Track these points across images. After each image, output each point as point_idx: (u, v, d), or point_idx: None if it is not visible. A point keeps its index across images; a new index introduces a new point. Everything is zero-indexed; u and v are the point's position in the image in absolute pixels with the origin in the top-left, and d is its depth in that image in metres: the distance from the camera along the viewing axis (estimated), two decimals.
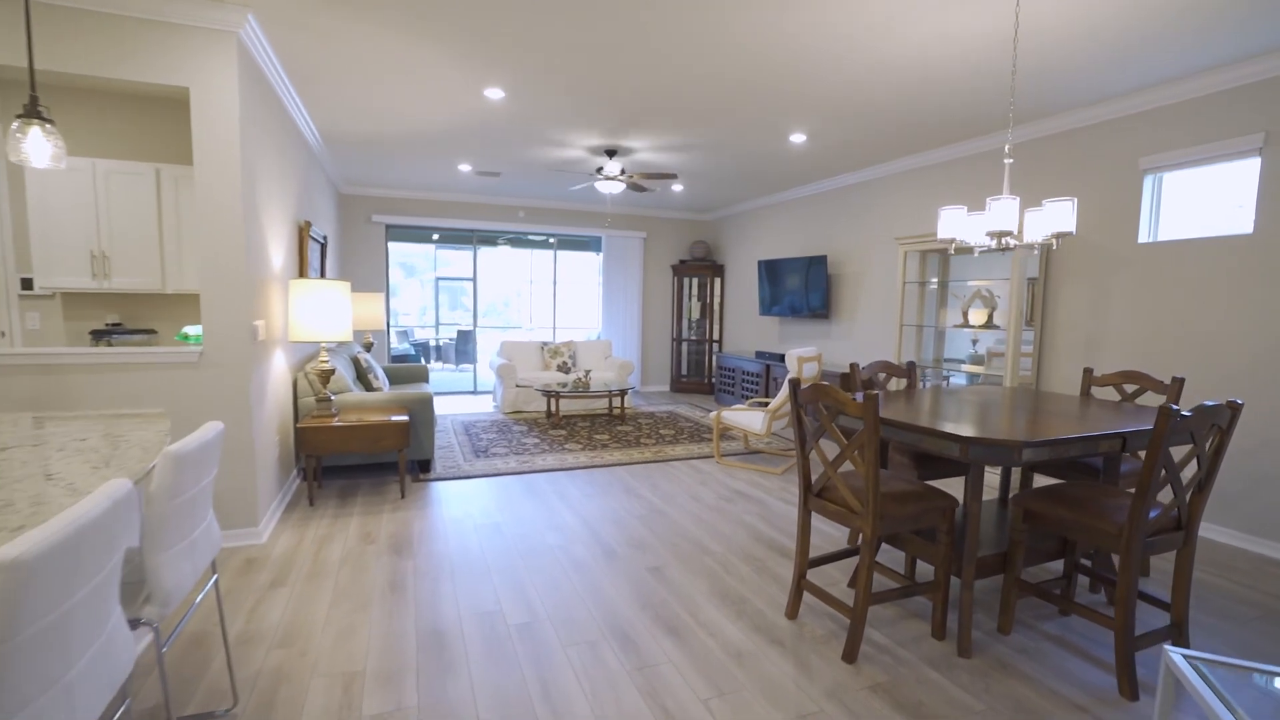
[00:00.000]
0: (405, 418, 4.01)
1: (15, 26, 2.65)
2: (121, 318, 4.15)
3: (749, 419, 4.97)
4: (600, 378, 7.63)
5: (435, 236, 8.49)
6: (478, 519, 3.67)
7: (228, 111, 3.01)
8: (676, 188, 7.19)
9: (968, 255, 4.98)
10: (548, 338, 8.96)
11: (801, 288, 6.85)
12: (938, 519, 2.35)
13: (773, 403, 4.93)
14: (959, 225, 2.70)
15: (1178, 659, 1.20)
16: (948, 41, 3.14)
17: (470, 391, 8.76)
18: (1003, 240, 2.56)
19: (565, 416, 6.94)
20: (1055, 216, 2.49)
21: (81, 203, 3.74)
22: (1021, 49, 3.22)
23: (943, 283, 5.27)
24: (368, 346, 6.26)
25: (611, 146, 5.34)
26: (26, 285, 3.87)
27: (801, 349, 4.98)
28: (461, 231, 8.30)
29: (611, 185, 5.46)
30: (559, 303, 9.00)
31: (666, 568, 3.05)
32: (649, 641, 2.38)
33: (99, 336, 3.94)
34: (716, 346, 9.18)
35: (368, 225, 7.72)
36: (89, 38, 2.79)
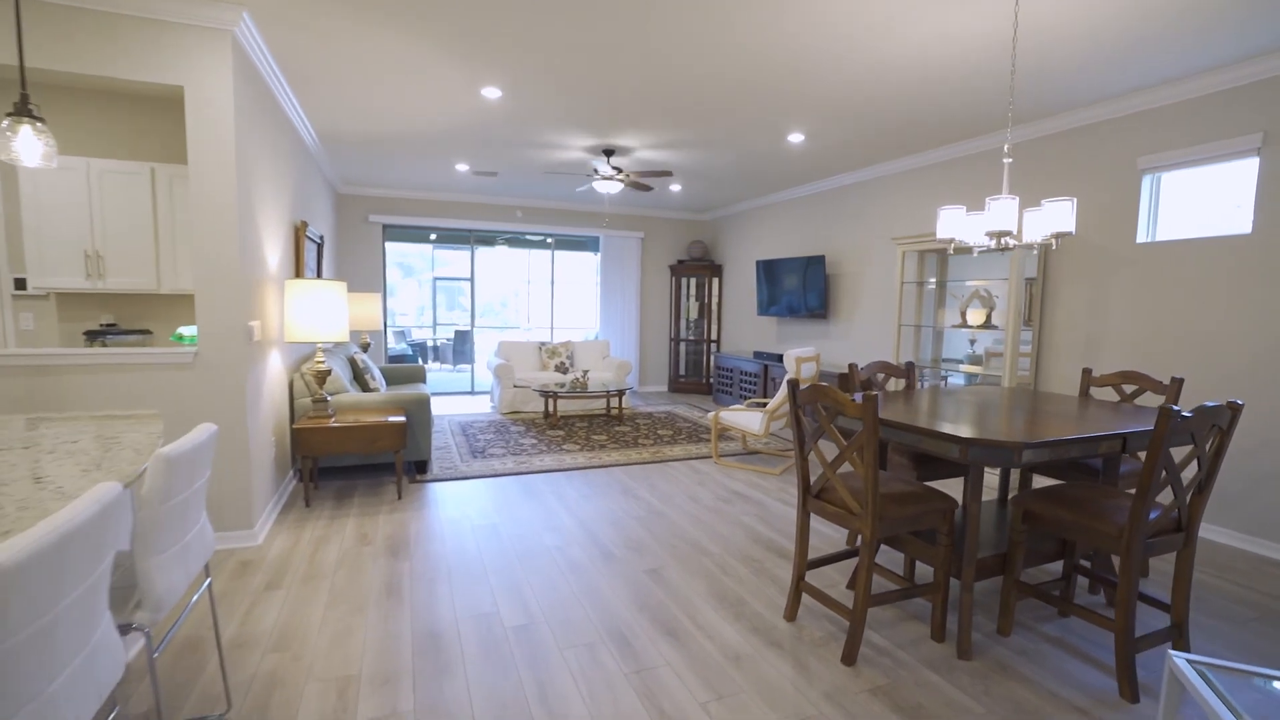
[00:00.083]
0: (402, 418, 3.99)
1: (6, 24, 2.62)
2: (116, 318, 4.12)
3: (747, 419, 4.96)
4: (598, 378, 7.62)
5: (433, 236, 8.46)
6: (475, 520, 3.65)
7: (222, 110, 2.99)
8: (674, 187, 7.18)
9: (966, 255, 4.97)
10: (545, 338, 8.94)
11: (799, 288, 6.84)
12: (937, 520, 2.33)
13: (771, 403, 4.92)
14: (958, 225, 2.69)
15: (1181, 663, 1.19)
16: (947, 41, 3.13)
17: (468, 392, 8.74)
18: (1002, 240, 2.55)
19: (563, 417, 6.92)
20: (1054, 216, 2.48)
21: (76, 202, 3.71)
22: (1021, 49, 3.21)
23: (941, 283, 5.26)
24: (365, 347, 6.23)
25: (609, 146, 5.32)
26: (20, 285, 3.84)
27: (800, 349, 4.97)
28: (459, 231, 8.27)
29: (609, 185, 5.44)
30: (557, 303, 8.98)
31: (664, 569, 3.03)
32: (646, 644, 2.36)
33: (93, 337, 3.91)
34: (714, 346, 9.16)
35: (365, 225, 7.70)
36: (82, 36, 2.76)
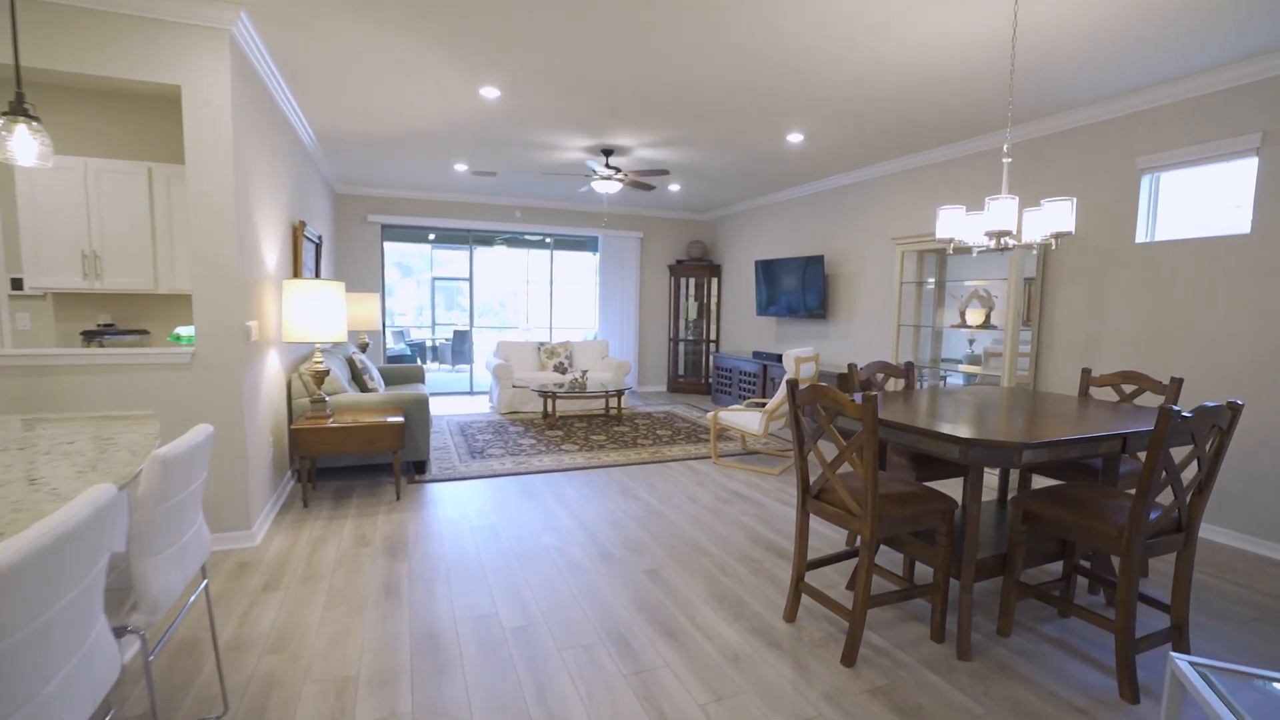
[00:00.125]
0: (400, 419, 3.98)
1: (0, 23, 2.61)
2: (113, 318, 4.11)
3: (746, 420, 4.96)
4: (597, 378, 7.61)
5: (431, 236, 8.45)
6: (473, 521, 3.64)
7: (220, 110, 2.98)
8: (673, 187, 7.17)
9: (965, 255, 4.97)
10: (544, 338, 8.93)
11: (798, 288, 6.84)
12: (937, 521, 2.33)
13: (770, 403, 4.91)
14: (957, 225, 2.69)
15: (1184, 665, 1.19)
16: (947, 41, 3.13)
17: (466, 392, 8.72)
18: (1001, 240, 2.54)
19: (562, 417, 6.91)
20: (1054, 216, 2.47)
21: (72, 202, 3.70)
22: (1020, 48, 3.20)
23: (940, 283, 5.26)
24: (363, 347, 6.22)
25: (608, 146, 5.32)
26: (16, 285, 3.83)
27: (799, 349, 4.96)
28: (458, 231, 8.26)
29: (608, 185, 5.43)
30: (556, 303, 8.96)
31: (663, 570, 3.03)
32: (646, 645, 2.36)
33: (90, 337, 3.90)
34: (713, 346, 9.16)
35: (363, 225, 7.68)
36: (79, 35, 2.75)
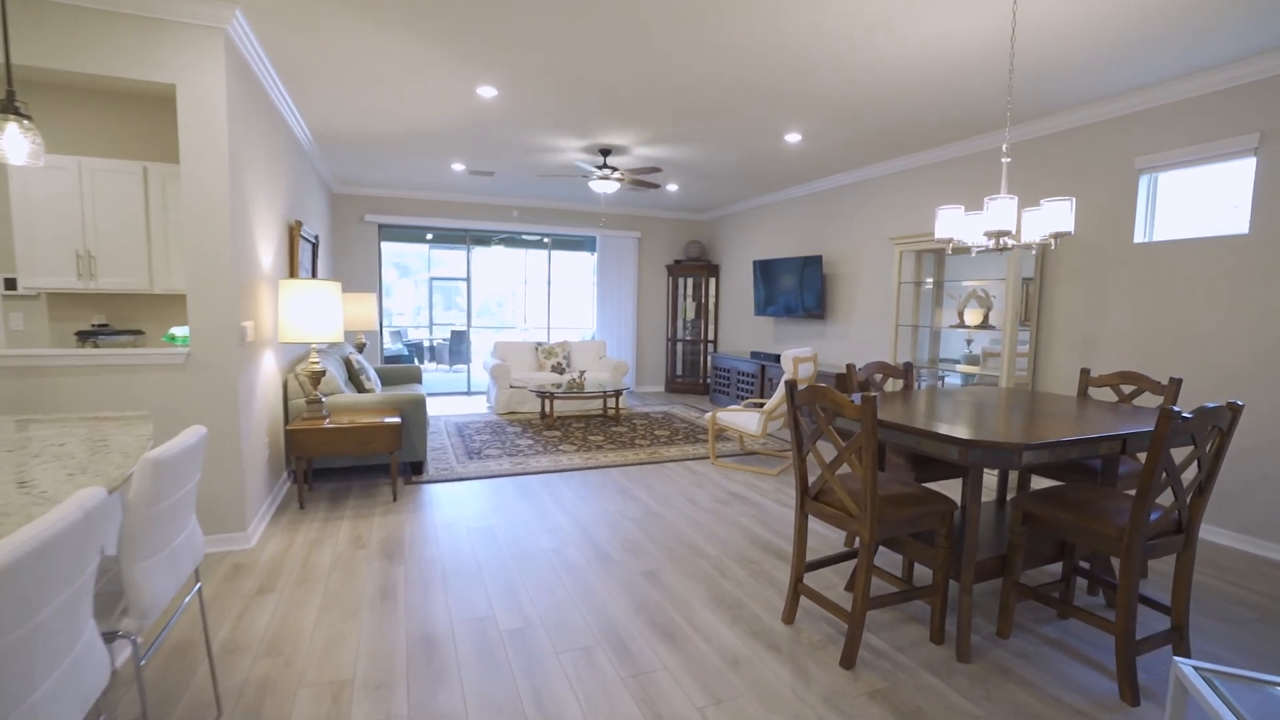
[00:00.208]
0: (397, 419, 3.96)
1: None
2: (108, 318, 4.08)
3: (745, 420, 4.94)
4: (595, 378, 7.59)
5: (429, 236, 8.43)
6: (470, 522, 3.63)
7: (215, 109, 2.96)
8: (671, 187, 7.16)
9: (963, 255, 4.96)
10: (542, 338, 8.91)
11: (796, 288, 6.83)
12: (936, 522, 2.32)
13: (768, 404, 4.90)
14: (956, 225, 2.68)
15: (1188, 670, 1.17)
16: (947, 41, 3.12)
17: (464, 392, 8.70)
18: (1001, 240, 2.53)
19: (559, 417, 6.89)
20: (1053, 216, 2.46)
21: (67, 201, 3.67)
22: (1019, 48, 3.20)
23: (938, 283, 5.25)
24: (360, 347, 6.20)
25: (606, 146, 5.30)
26: (10, 285, 3.80)
27: (797, 349, 4.95)
28: (455, 231, 8.23)
29: (606, 185, 5.42)
30: (553, 303, 8.94)
31: (661, 571, 3.01)
32: (644, 647, 2.34)
33: (85, 337, 3.87)
34: (711, 347, 9.14)
35: (360, 225, 7.66)
36: (72, 33, 2.73)
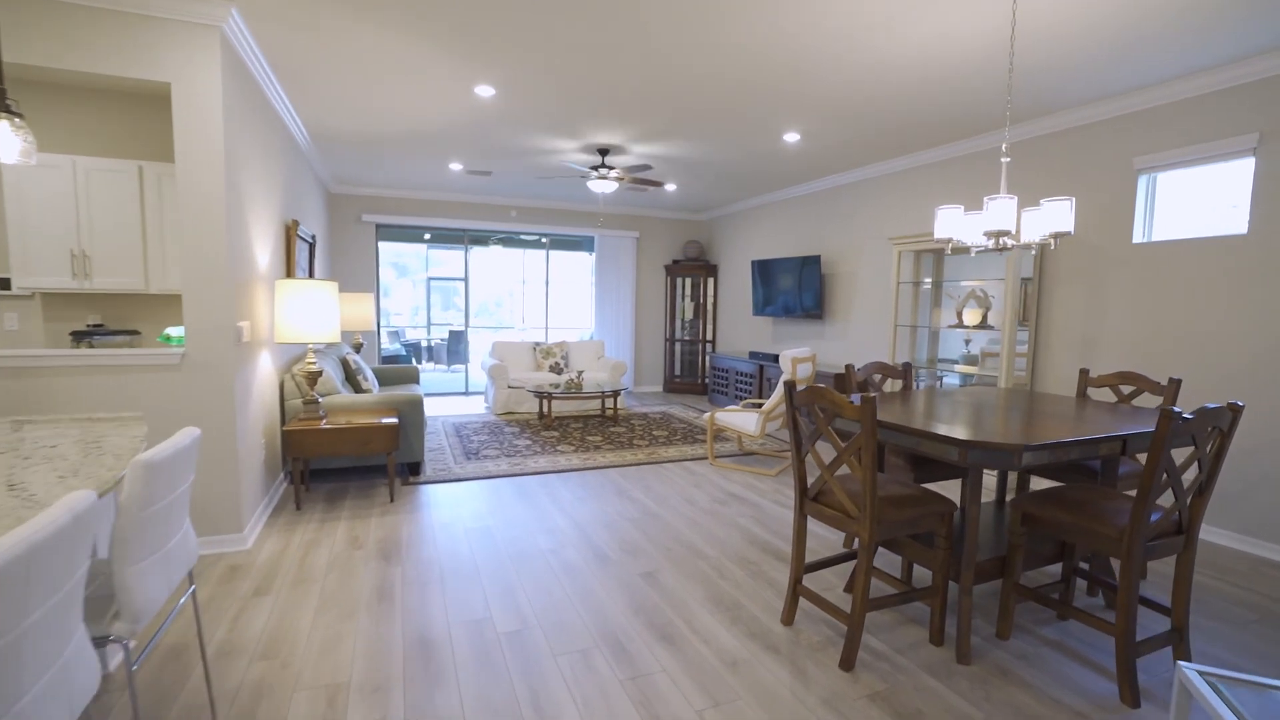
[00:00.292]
0: (394, 420, 3.94)
1: None
2: (103, 318, 4.05)
3: (743, 420, 4.93)
4: (593, 378, 7.57)
5: (427, 236, 8.40)
6: (468, 523, 3.61)
7: (210, 107, 2.94)
8: (670, 187, 7.14)
9: (962, 255, 4.95)
10: (540, 338, 8.89)
11: (795, 288, 6.82)
12: (936, 523, 2.31)
13: (767, 404, 4.89)
14: (956, 225, 2.67)
15: (1192, 675, 1.16)
16: (946, 40, 3.11)
17: (462, 392, 8.68)
18: (1000, 240, 2.52)
19: (557, 418, 6.88)
20: (1053, 216, 2.45)
21: (61, 200, 3.65)
22: (1019, 47, 3.19)
23: (937, 283, 5.25)
24: (357, 347, 6.18)
25: (605, 145, 5.29)
26: (4, 285, 3.77)
27: (795, 350, 4.94)
28: (453, 231, 8.21)
29: (604, 184, 5.40)
30: (551, 303, 8.92)
31: (660, 572, 3.00)
32: (642, 649, 2.33)
33: (80, 338, 3.84)
34: (710, 347, 9.13)
35: (358, 225, 7.63)
36: (66, 31, 2.71)
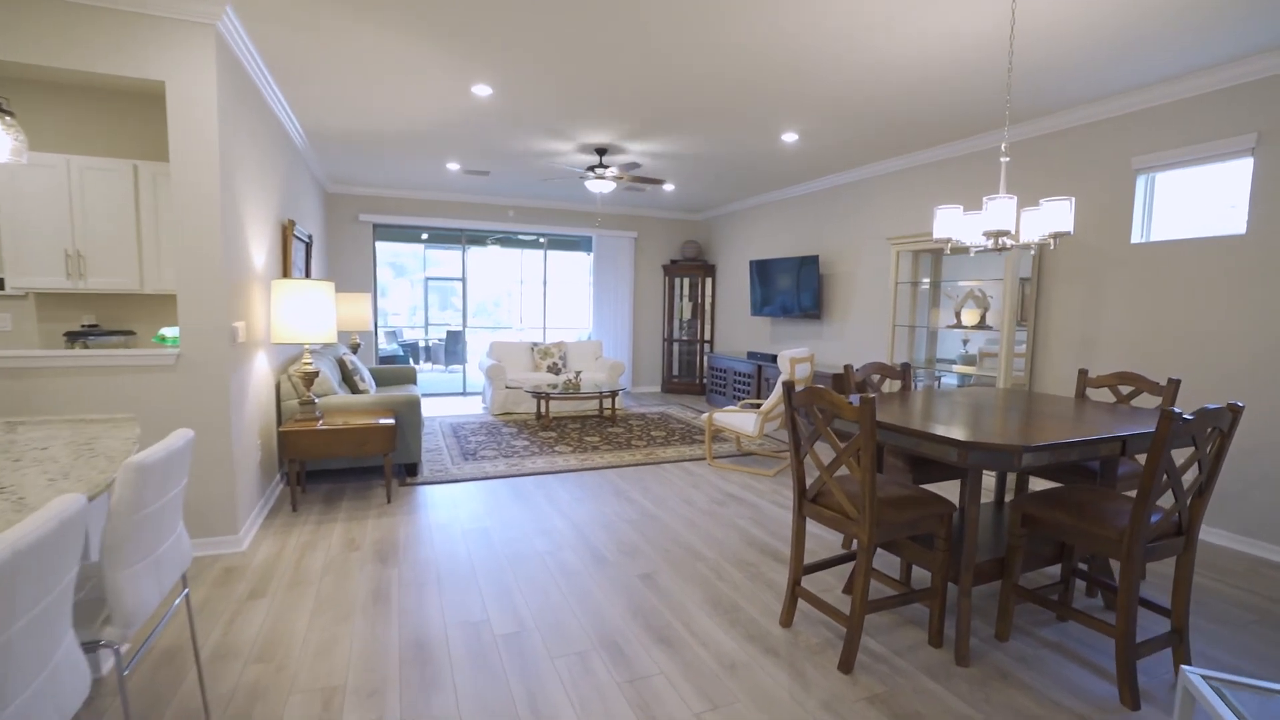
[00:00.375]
0: (391, 420, 3.92)
1: None
2: (98, 319, 4.03)
3: (741, 421, 4.92)
4: (591, 379, 7.56)
5: (424, 236, 8.38)
6: (465, 524, 3.59)
7: (205, 106, 2.92)
8: (668, 187, 7.13)
9: (960, 255, 4.95)
10: (538, 338, 8.87)
11: (793, 288, 6.81)
12: (935, 525, 2.30)
13: (765, 404, 4.88)
14: (955, 225, 2.66)
15: (1196, 680, 1.15)
16: (946, 40, 3.10)
17: (459, 393, 8.66)
18: (999, 240, 2.51)
19: (555, 418, 6.86)
20: (1053, 216, 2.44)
21: (55, 200, 3.62)
22: (1018, 46, 3.18)
23: (935, 283, 5.24)
24: (354, 348, 6.15)
25: (604, 145, 5.27)
26: None
27: (794, 350, 4.93)
28: (451, 231, 8.19)
29: (602, 184, 5.39)
30: (549, 303, 8.91)
31: (658, 574, 2.98)
32: (640, 651, 2.31)
33: (74, 338, 3.82)
34: (708, 347, 9.12)
35: (355, 224, 7.61)
36: (59, 28, 2.68)
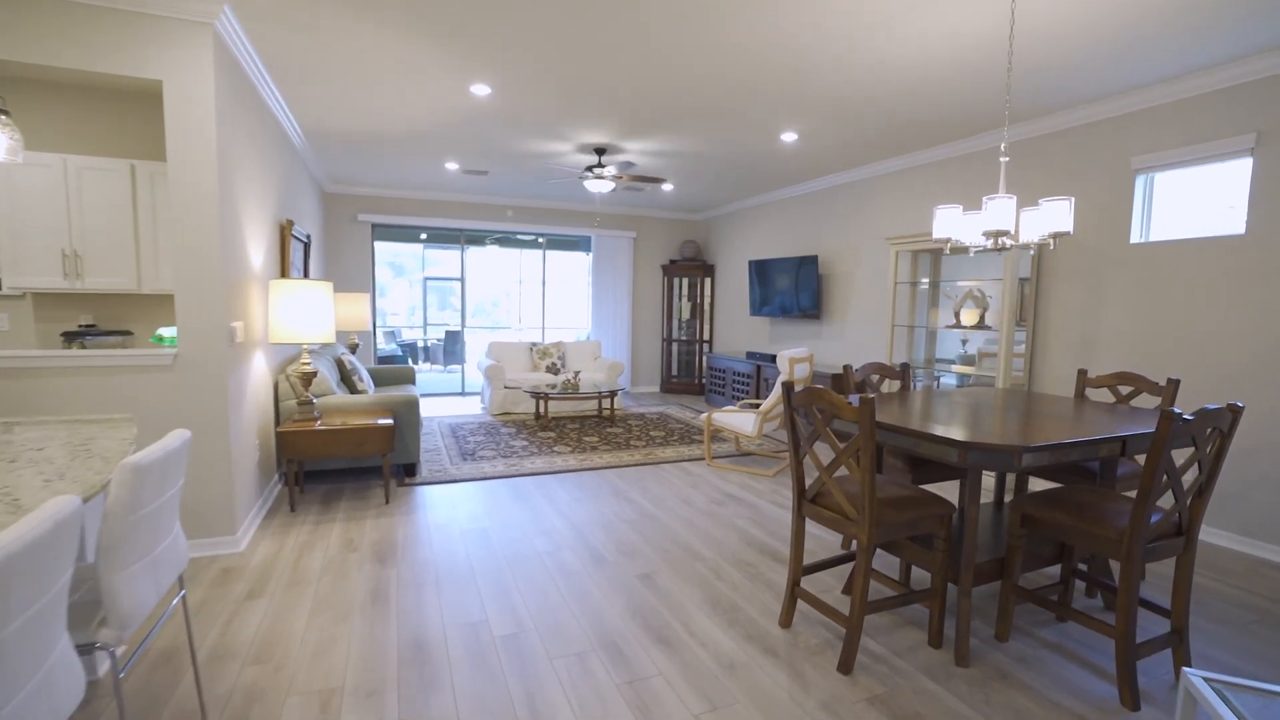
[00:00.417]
0: (390, 421, 3.91)
1: None
2: (95, 319, 4.02)
3: (740, 421, 4.92)
4: (590, 379, 7.55)
5: (423, 236, 8.37)
6: (464, 524, 3.58)
7: (203, 105, 2.91)
8: (667, 187, 7.13)
9: (959, 255, 4.94)
10: (537, 338, 8.86)
11: (792, 288, 6.81)
12: (934, 525, 2.29)
13: (764, 404, 4.87)
14: (955, 225, 2.65)
15: (1198, 682, 1.15)
16: (946, 40, 3.09)
17: (458, 393, 8.65)
18: (999, 240, 2.51)
19: (554, 418, 6.85)
20: (1052, 216, 2.44)
21: (52, 199, 3.61)
22: (1017, 46, 3.17)
23: (934, 283, 5.24)
24: (353, 348, 6.14)
25: (603, 145, 5.26)
26: None
27: (793, 350, 4.93)
28: (449, 231, 8.18)
29: (601, 184, 5.38)
30: (548, 303, 8.90)
31: (657, 574, 2.98)
32: (639, 652, 2.31)
33: (71, 338, 3.80)
34: (707, 347, 9.12)
35: (353, 224, 7.60)
36: (55, 27, 2.67)
